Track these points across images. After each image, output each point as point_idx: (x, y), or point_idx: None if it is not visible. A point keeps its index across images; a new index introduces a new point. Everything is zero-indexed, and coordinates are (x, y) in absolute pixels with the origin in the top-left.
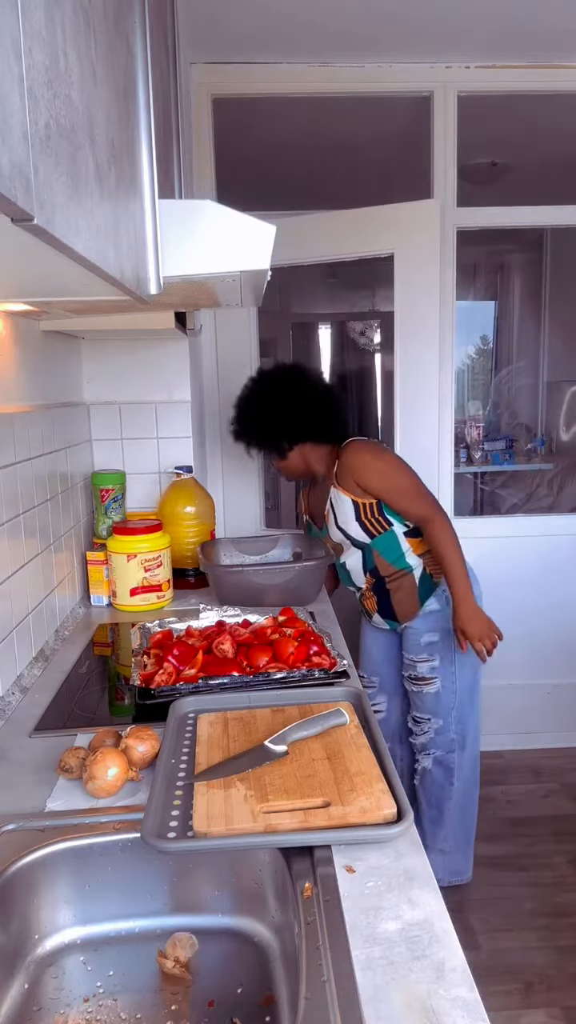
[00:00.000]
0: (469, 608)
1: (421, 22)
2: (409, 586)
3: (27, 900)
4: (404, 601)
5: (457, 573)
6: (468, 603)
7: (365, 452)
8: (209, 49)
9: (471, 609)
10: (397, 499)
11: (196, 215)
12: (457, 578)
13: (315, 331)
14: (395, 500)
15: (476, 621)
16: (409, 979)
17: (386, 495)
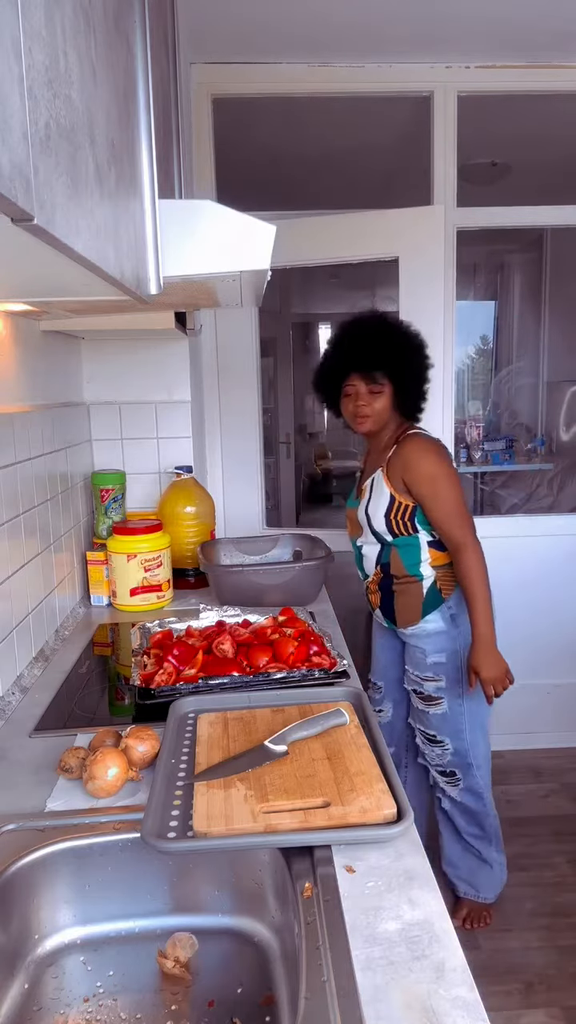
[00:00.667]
0: (488, 649)
1: (421, 22)
2: (415, 594)
3: (27, 900)
4: (406, 607)
5: (482, 609)
6: (488, 644)
7: (425, 453)
8: (209, 49)
9: (490, 650)
10: (438, 514)
11: (196, 215)
12: (481, 614)
13: (315, 331)
14: (435, 514)
15: (493, 665)
16: (409, 979)
17: (430, 505)
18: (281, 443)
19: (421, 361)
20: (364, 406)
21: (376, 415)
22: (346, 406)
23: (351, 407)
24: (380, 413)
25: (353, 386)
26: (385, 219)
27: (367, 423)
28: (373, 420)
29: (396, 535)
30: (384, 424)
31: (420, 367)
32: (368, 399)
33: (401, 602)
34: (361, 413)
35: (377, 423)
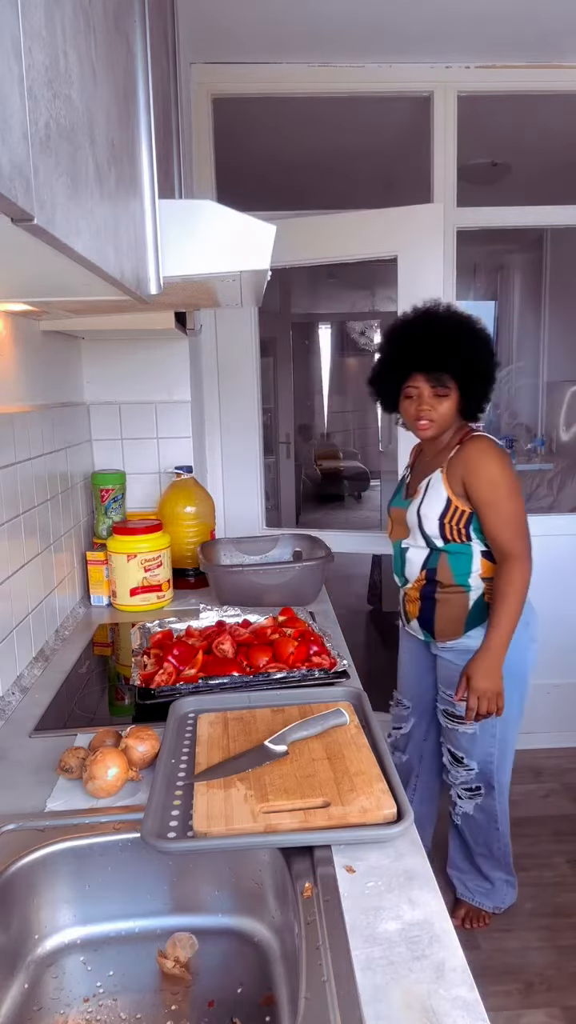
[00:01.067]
0: (493, 664)
1: (421, 22)
2: (460, 605)
3: (27, 900)
4: (449, 619)
5: (507, 623)
6: (496, 658)
7: (491, 457)
8: (209, 49)
9: (494, 665)
10: (496, 521)
11: (196, 215)
12: (504, 628)
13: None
14: (492, 521)
15: (491, 680)
16: (409, 979)
17: (487, 512)
18: (281, 443)
19: (491, 362)
20: (428, 410)
21: (440, 419)
22: (407, 408)
23: (413, 410)
24: (444, 417)
25: (416, 388)
26: (383, 217)
27: (430, 428)
28: (437, 425)
29: (447, 540)
30: (446, 429)
31: (490, 369)
32: (432, 402)
33: (443, 613)
34: (425, 417)
35: (440, 428)
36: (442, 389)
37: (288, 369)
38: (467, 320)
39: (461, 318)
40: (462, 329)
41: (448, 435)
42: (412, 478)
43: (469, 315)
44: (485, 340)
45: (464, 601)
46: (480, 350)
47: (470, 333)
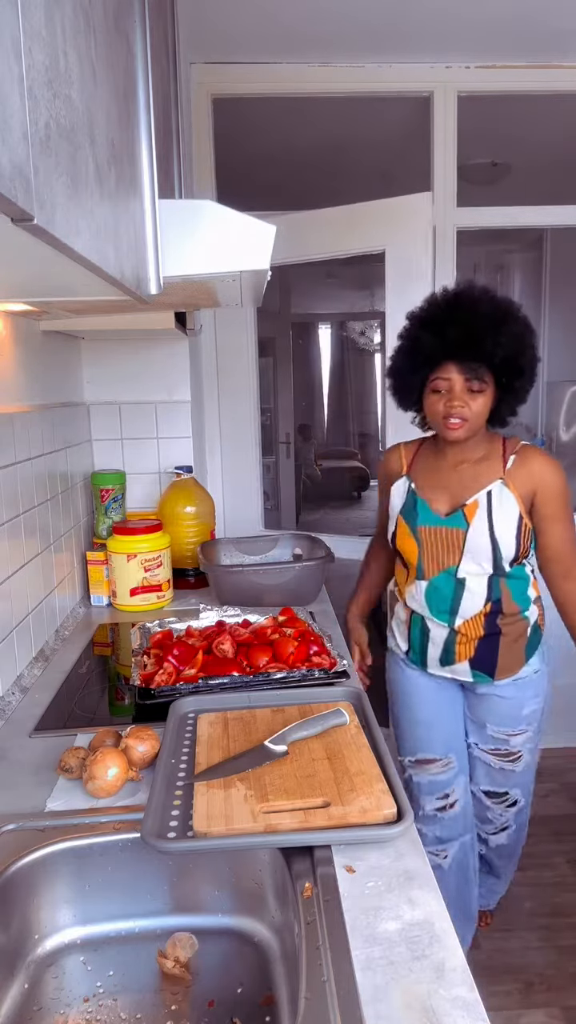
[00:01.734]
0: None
1: (421, 22)
2: (520, 634)
3: (27, 900)
4: (512, 652)
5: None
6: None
7: (558, 468)
8: (209, 49)
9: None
10: (565, 538)
11: (196, 215)
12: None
13: (315, 331)
14: (562, 538)
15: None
16: (409, 979)
17: (554, 527)
18: (281, 443)
19: (534, 358)
20: (461, 407)
21: (474, 419)
22: (433, 404)
23: (441, 406)
24: (478, 417)
25: (447, 380)
26: (371, 209)
27: (461, 428)
28: (470, 425)
29: (516, 562)
30: (479, 430)
31: (533, 366)
32: (465, 398)
33: (507, 646)
34: (457, 415)
35: (472, 429)
36: (477, 383)
37: (288, 369)
38: (510, 305)
39: (504, 302)
40: (507, 315)
41: (480, 442)
42: (434, 489)
43: (511, 299)
44: (530, 331)
45: (524, 630)
46: (525, 342)
47: (514, 320)
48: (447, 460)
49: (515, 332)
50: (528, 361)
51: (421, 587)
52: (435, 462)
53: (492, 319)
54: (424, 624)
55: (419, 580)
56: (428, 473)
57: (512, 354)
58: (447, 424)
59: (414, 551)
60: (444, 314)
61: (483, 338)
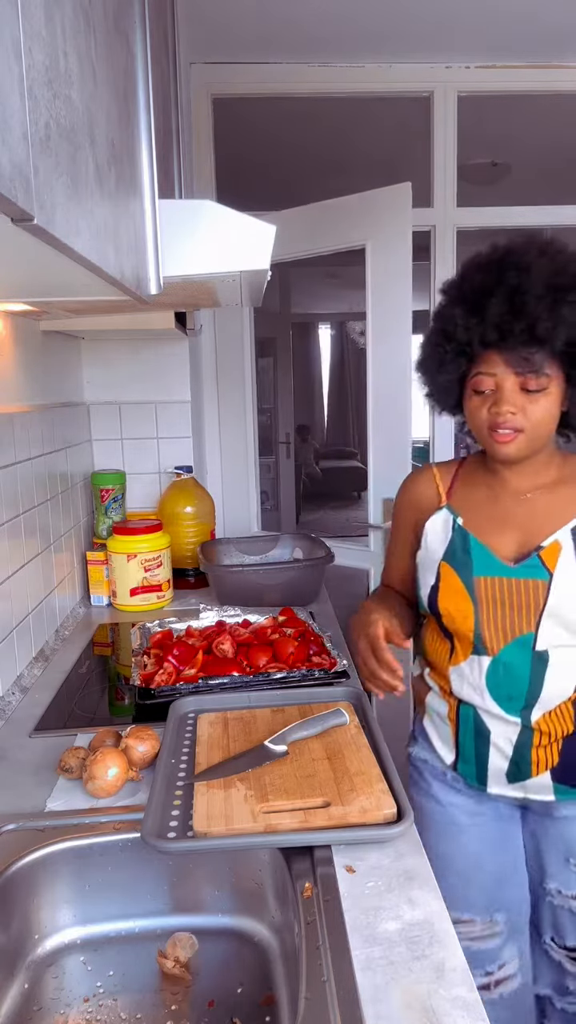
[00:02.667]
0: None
1: (421, 22)
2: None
3: (27, 900)
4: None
5: None
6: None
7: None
8: (209, 49)
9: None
10: None
11: (196, 215)
12: None
13: (315, 331)
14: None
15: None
16: (409, 979)
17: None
18: (281, 443)
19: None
20: (512, 414)
21: (534, 428)
22: (475, 410)
23: (485, 412)
24: (539, 427)
25: (491, 376)
26: (351, 204)
27: (514, 442)
28: (527, 438)
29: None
30: (543, 445)
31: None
32: (519, 400)
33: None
34: (508, 424)
35: (532, 444)
36: (535, 379)
37: (288, 369)
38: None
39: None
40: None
41: (548, 461)
42: (493, 526)
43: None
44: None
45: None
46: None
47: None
48: (506, 487)
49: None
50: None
51: (481, 666)
52: (487, 490)
53: (550, 283)
54: (479, 721)
55: (477, 656)
56: (480, 505)
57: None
58: (495, 437)
59: (468, 613)
60: (484, 280)
61: (537, 312)
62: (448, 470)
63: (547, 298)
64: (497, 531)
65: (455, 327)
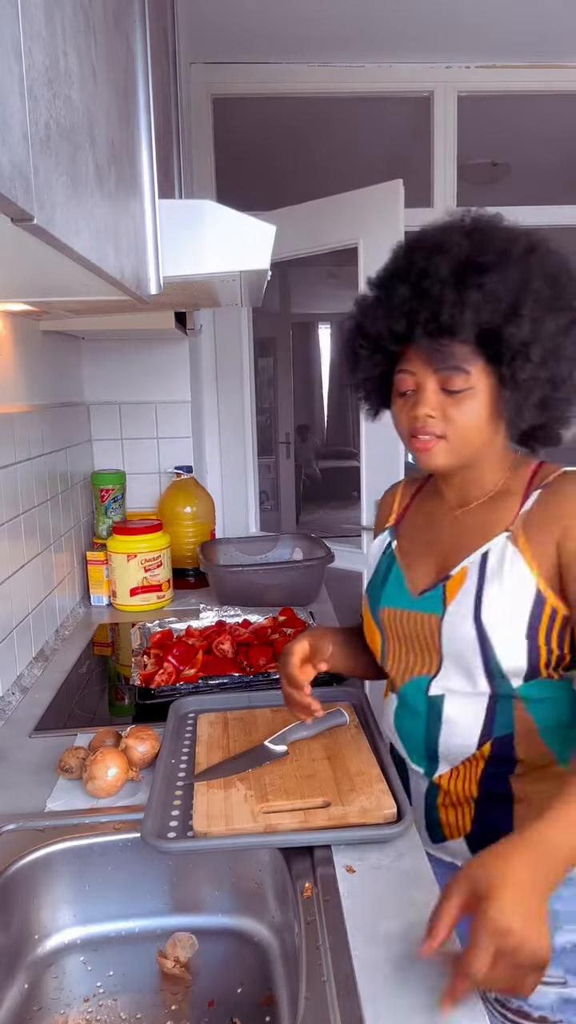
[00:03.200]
0: (545, 877)
1: (421, 22)
2: None
3: (27, 900)
4: None
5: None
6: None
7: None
8: (209, 49)
9: (546, 882)
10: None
11: (196, 215)
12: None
13: (315, 331)
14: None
15: (529, 913)
16: (409, 979)
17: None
18: (281, 443)
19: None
20: (432, 417)
21: (457, 435)
22: (398, 411)
23: (405, 416)
24: (465, 433)
25: (411, 374)
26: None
27: (436, 450)
28: (451, 446)
29: (535, 676)
30: (475, 454)
31: (549, 339)
32: (441, 403)
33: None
34: (425, 429)
35: (460, 452)
36: (456, 376)
37: (288, 369)
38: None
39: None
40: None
41: (492, 472)
42: (421, 549)
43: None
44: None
45: None
46: (527, 294)
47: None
48: (443, 503)
49: (508, 279)
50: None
51: (391, 704)
52: (429, 508)
53: (461, 265)
54: (402, 767)
55: (392, 692)
56: (419, 526)
57: (498, 317)
58: (413, 444)
59: (378, 646)
60: (395, 264)
61: (442, 297)
62: (412, 486)
63: (453, 281)
64: (423, 555)
65: (365, 317)
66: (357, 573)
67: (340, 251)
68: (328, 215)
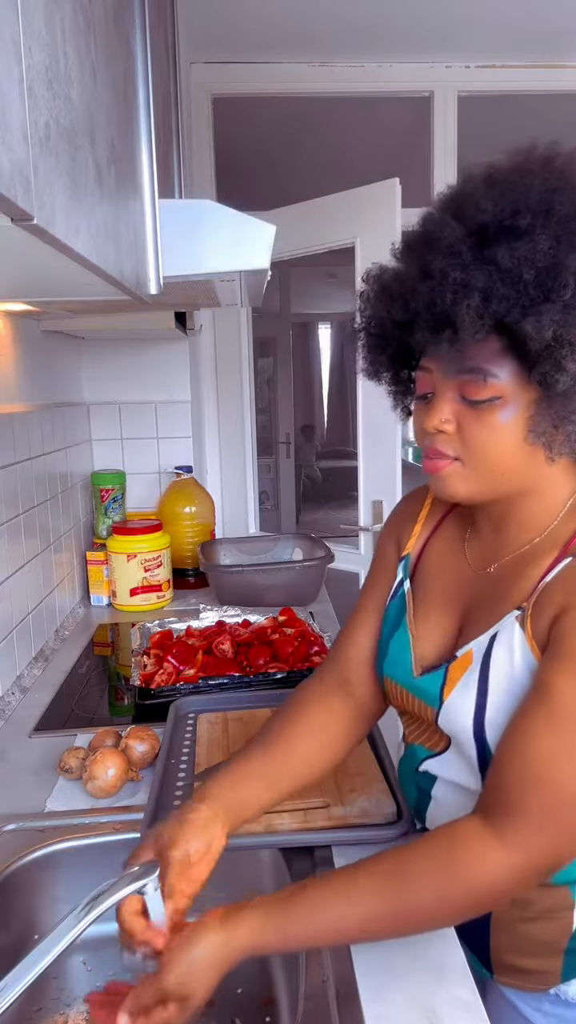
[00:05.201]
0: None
1: (421, 22)
2: (555, 913)
3: (27, 900)
4: (529, 939)
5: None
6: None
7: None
8: (209, 49)
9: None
10: (553, 747)
11: (196, 215)
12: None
13: (315, 331)
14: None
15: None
16: (409, 979)
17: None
18: (281, 443)
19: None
20: (445, 434)
21: (474, 458)
22: (415, 416)
23: (418, 426)
24: (484, 455)
25: (428, 373)
26: (340, 201)
27: (449, 474)
28: (467, 471)
29: None
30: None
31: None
32: (458, 414)
33: (513, 927)
34: (433, 447)
35: (480, 480)
36: (473, 381)
37: (288, 369)
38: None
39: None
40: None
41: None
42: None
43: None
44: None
45: (567, 905)
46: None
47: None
48: (475, 546)
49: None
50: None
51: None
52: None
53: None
54: None
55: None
56: (440, 565)
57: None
58: (424, 465)
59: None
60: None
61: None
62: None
63: (461, 254)
64: (437, 614)
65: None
66: (357, 573)
67: (340, 251)
68: (325, 214)
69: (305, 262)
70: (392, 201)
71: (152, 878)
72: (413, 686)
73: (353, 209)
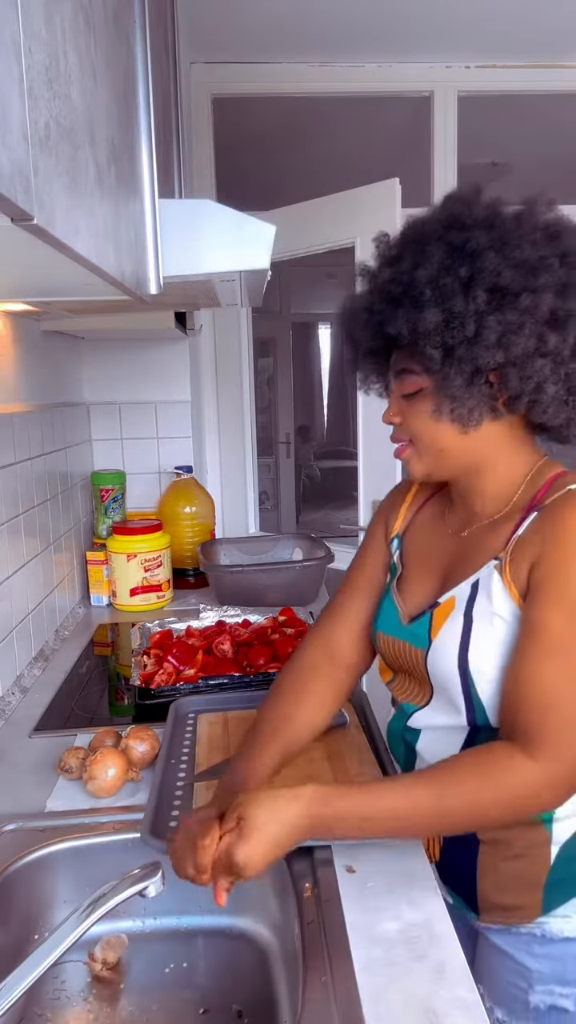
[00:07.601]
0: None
1: (421, 22)
2: (534, 852)
3: (27, 900)
4: (511, 878)
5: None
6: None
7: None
8: (209, 49)
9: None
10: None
11: (196, 215)
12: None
13: (315, 331)
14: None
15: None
16: (409, 979)
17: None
18: (281, 443)
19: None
20: (395, 418)
21: (421, 442)
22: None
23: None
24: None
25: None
26: (340, 201)
27: (409, 459)
28: (418, 452)
29: None
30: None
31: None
32: (400, 409)
33: (496, 867)
34: (393, 436)
35: (429, 459)
36: (405, 380)
37: (288, 369)
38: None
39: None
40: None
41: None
42: (423, 565)
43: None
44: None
45: (543, 839)
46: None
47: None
48: (453, 517)
49: (427, 255)
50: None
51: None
52: (438, 518)
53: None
54: None
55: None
56: (423, 540)
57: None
58: (395, 452)
59: (384, 666)
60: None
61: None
62: (428, 488)
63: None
64: (420, 575)
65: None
66: None
67: (340, 251)
68: (325, 214)
69: (305, 262)
70: (392, 201)
71: (155, 880)
72: (403, 633)
73: (353, 209)
